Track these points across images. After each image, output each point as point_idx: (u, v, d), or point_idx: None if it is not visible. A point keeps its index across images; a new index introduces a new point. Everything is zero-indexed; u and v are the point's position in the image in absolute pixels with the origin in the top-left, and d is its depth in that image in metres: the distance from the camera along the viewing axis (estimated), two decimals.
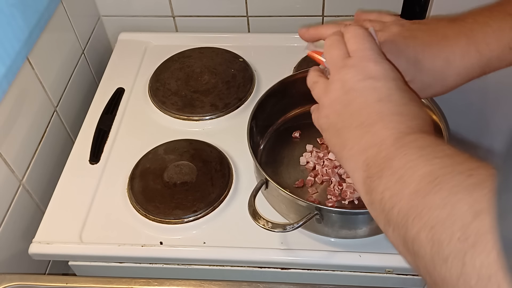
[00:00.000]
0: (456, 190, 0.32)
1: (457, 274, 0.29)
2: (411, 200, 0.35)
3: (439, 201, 0.33)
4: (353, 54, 0.47)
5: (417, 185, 0.35)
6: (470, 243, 0.29)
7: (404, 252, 0.36)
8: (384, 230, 0.39)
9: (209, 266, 0.70)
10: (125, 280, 0.62)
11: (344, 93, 0.45)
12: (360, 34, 0.48)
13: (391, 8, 0.98)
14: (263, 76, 0.91)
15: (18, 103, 0.75)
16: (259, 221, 0.63)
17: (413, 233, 0.34)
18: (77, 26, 0.94)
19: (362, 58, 0.46)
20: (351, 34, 0.48)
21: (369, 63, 0.45)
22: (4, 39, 0.69)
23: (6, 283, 0.62)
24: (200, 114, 0.84)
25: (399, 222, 0.36)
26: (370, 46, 0.47)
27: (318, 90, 0.50)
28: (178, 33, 1.05)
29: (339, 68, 0.47)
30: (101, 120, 0.85)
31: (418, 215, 0.34)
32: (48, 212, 0.73)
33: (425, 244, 0.33)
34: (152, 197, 0.73)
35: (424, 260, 0.33)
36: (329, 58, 0.49)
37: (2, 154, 0.71)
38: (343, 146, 0.45)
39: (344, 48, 0.48)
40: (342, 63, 0.47)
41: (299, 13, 1.00)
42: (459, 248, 0.30)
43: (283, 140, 0.80)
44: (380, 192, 0.39)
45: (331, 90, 0.47)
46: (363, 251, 0.66)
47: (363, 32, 0.48)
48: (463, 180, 0.33)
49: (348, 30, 0.49)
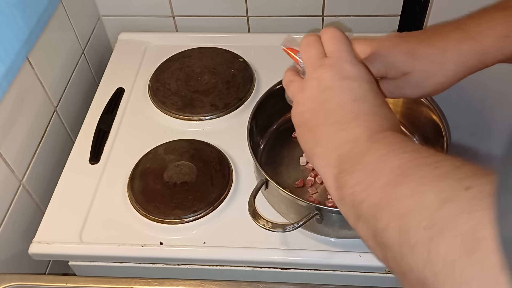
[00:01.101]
0: (423, 181, 0.33)
1: (423, 261, 0.30)
2: (380, 193, 0.36)
3: (407, 192, 0.34)
4: (330, 54, 0.48)
5: (387, 177, 0.36)
6: (436, 230, 0.29)
7: (374, 246, 0.37)
8: (354, 225, 0.40)
9: (209, 266, 0.70)
10: (125, 280, 0.62)
11: (320, 92, 0.46)
12: (337, 36, 0.49)
13: (391, 8, 0.98)
14: (263, 76, 0.91)
15: (18, 103, 0.75)
16: (259, 221, 0.63)
17: (382, 225, 0.35)
18: (77, 26, 0.94)
19: (339, 58, 0.47)
20: (329, 35, 0.49)
21: (346, 64, 0.47)
22: (4, 39, 0.69)
23: (6, 283, 0.62)
24: (200, 114, 0.84)
25: (369, 214, 0.37)
26: (347, 48, 0.48)
27: (293, 88, 0.51)
28: (178, 33, 1.05)
29: (317, 67, 0.48)
30: (101, 120, 0.85)
31: (387, 206, 0.35)
32: (48, 212, 0.73)
33: (394, 234, 0.33)
34: (152, 197, 0.73)
35: (392, 251, 0.33)
36: (306, 56, 0.50)
37: (2, 154, 0.71)
38: (316, 143, 0.46)
39: (321, 48, 0.49)
40: (319, 62, 0.48)
41: (299, 13, 1.00)
42: (425, 236, 0.30)
43: (283, 140, 0.80)
44: (351, 187, 0.40)
45: (307, 88, 0.48)
46: (363, 251, 0.66)
47: (341, 34, 0.49)
48: (430, 172, 0.34)
49: (325, 32, 0.50)
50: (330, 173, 0.43)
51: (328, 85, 0.46)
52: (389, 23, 1.00)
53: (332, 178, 0.43)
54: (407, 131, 0.80)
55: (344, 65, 0.47)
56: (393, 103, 0.80)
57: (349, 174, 0.40)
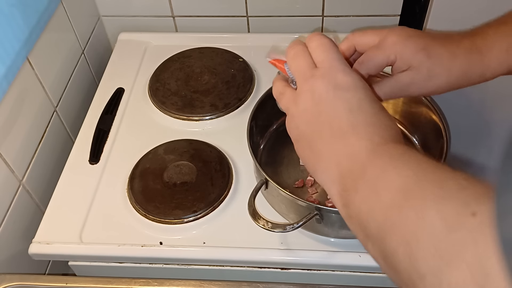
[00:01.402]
0: (428, 204, 0.32)
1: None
2: (386, 215, 0.35)
3: (413, 215, 0.33)
4: (320, 64, 0.46)
5: (392, 198, 0.35)
6: (446, 260, 0.29)
7: (385, 266, 0.36)
8: (364, 244, 0.39)
9: (209, 266, 0.70)
10: (125, 280, 0.62)
11: (314, 104, 0.45)
12: (325, 44, 0.47)
13: (391, 8, 0.98)
14: (263, 76, 0.91)
15: (18, 103, 0.75)
16: (259, 221, 0.63)
17: (391, 249, 0.34)
18: (77, 26, 0.94)
19: (331, 68, 0.45)
20: (316, 43, 0.48)
21: (338, 73, 0.45)
22: (4, 39, 0.69)
23: (6, 283, 0.62)
24: (200, 114, 0.84)
25: (377, 237, 0.36)
26: (337, 56, 0.46)
27: (285, 100, 0.48)
28: (178, 33, 1.05)
29: (308, 79, 0.46)
30: (101, 120, 0.85)
31: (394, 229, 0.34)
32: (48, 212, 0.73)
33: (403, 259, 0.33)
34: (152, 197, 0.73)
35: (403, 276, 0.33)
36: (294, 68, 0.48)
37: (2, 154, 0.71)
38: (316, 159, 0.45)
39: (309, 57, 0.47)
40: (310, 73, 0.46)
41: (299, 13, 1.00)
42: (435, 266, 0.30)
43: (283, 140, 0.80)
44: (356, 206, 0.39)
45: (300, 101, 0.46)
46: (363, 251, 0.66)
47: (328, 41, 0.48)
48: (435, 192, 0.33)
49: (312, 40, 0.48)
50: (335, 189, 0.42)
51: (322, 96, 0.44)
52: (389, 23, 1.00)
53: (337, 194, 0.42)
54: (407, 131, 0.80)
55: (336, 74, 0.45)
56: (393, 103, 0.80)
57: (354, 192, 0.39)
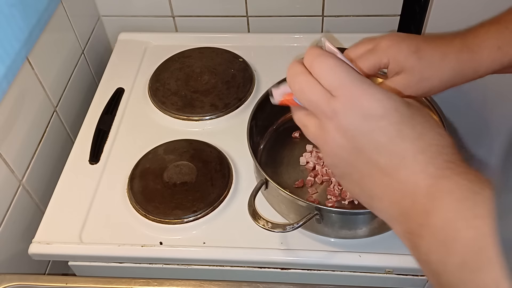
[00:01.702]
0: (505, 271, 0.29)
1: None
2: (460, 274, 0.33)
3: (489, 281, 0.30)
4: (335, 92, 0.40)
5: (463, 256, 0.32)
6: None
7: None
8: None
9: (209, 266, 0.70)
10: (125, 280, 0.62)
11: (348, 141, 0.40)
12: (332, 65, 0.40)
13: (391, 8, 0.98)
14: (263, 76, 0.91)
15: (18, 103, 0.75)
16: (259, 221, 0.63)
17: None
18: (77, 26, 0.94)
19: (351, 96, 0.39)
20: (319, 68, 0.41)
21: (362, 101, 0.39)
22: (4, 39, 0.69)
23: (6, 283, 0.62)
24: (200, 114, 0.84)
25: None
26: (350, 76, 0.40)
27: (312, 136, 0.43)
28: (178, 33, 1.05)
29: (329, 116, 0.40)
30: (101, 120, 0.85)
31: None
32: (48, 212, 0.73)
33: None
34: (152, 197, 0.73)
35: None
36: (307, 104, 0.42)
37: (2, 154, 0.71)
38: (370, 197, 0.41)
39: (318, 87, 0.41)
40: (329, 109, 0.40)
41: (299, 13, 1.00)
42: None
43: (283, 140, 0.80)
44: (424, 253, 0.36)
45: (330, 140, 0.41)
46: (363, 251, 0.66)
47: (334, 61, 0.41)
48: None
49: (313, 63, 0.41)
50: (399, 229, 0.39)
51: (354, 133, 0.39)
52: (389, 23, 1.00)
53: (401, 235, 0.39)
54: None
55: (360, 102, 0.39)
56: None
57: (419, 238, 0.36)
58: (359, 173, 0.40)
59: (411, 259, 0.37)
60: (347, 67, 0.41)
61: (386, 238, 0.68)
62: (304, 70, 0.42)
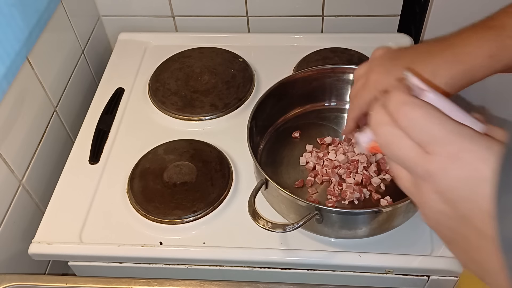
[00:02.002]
0: None
1: None
2: None
3: None
4: (430, 147, 0.33)
5: None
6: None
7: None
8: None
9: (209, 266, 0.70)
10: (125, 280, 0.62)
11: (451, 208, 0.33)
12: (418, 116, 0.34)
13: (391, 8, 0.98)
14: (263, 76, 0.91)
15: (18, 103, 0.75)
16: (259, 221, 0.63)
17: None
18: (77, 26, 0.94)
19: (450, 156, 0.32)
20: (406, 121, 0.34)
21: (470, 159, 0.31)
22: (4, 39, 0.69)
23: (6, 283, 0.62)
24: (200, 114, 0.84)
25: None
26: (443, 129, 0.33)
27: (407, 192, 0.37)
28: (178, 33, 1.05)
29: (424, 178, 0.34)
30: (101, 120, 0.85)
31: None
32: (48, 212, 0.73)
33: None
34: (152, 197, 0.73)
35: None
36: (397, 159, 0.36)
37: (2, 154, 0.71)
38: (480, 269, 0.34)
39: (407, 143, 0.34)
40: (421, 169, 0.34)
41: (299, 13, 1.00)
42: None
43: (283, 140, 0.80)
44: None
45: (427, 202, 0.35)
46: (363, 251, 0.66)
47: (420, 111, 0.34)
48: None
49: (399, 115, 0.35)
50: None
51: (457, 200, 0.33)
52: (389, 23, 1.00)
53: None
54: None
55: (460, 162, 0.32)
56: None
57: None
58: (467, 245, 0.34)
59: (411, 259, 0.37)
60: (441, 117, 0.34)
61: (386, 238, 0.68)
62: (389, 120, 0.35)
